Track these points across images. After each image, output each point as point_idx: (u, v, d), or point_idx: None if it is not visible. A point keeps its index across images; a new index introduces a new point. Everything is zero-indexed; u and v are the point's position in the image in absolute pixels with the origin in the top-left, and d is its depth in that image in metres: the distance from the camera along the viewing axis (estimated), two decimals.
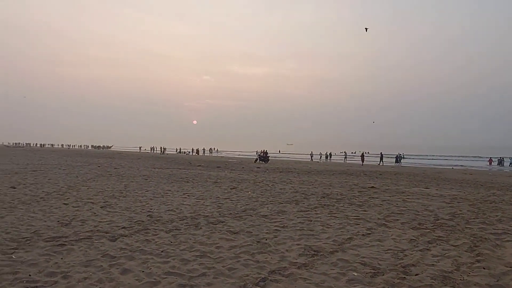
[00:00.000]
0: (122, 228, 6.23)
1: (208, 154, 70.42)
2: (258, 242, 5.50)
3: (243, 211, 7.96)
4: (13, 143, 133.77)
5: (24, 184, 12.00)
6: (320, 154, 52.67)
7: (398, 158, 40.70)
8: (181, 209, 8.07)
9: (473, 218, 7.55)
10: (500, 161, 43.03)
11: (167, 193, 10.74)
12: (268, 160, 36.16)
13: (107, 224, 6.51)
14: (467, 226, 6.81)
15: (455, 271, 4.37)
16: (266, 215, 7.56)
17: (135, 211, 7.75)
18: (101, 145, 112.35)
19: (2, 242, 5.18)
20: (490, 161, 43.73)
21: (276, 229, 6.33)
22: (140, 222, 6.72)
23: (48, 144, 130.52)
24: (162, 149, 72.12)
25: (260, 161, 35.35)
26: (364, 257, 4.83)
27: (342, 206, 8.85)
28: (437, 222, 7.15)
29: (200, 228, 6.36)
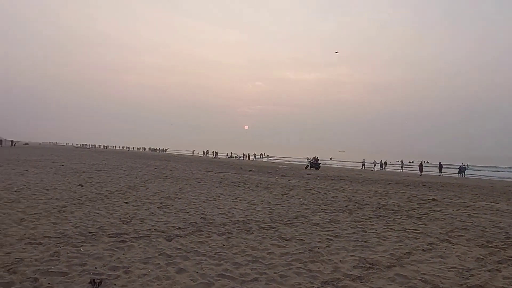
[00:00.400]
0: (177, 228, 6.46)
1: (259, 159, 70.97)
2: (310, 250, 5.39)
3: (295, 218, 7.87)
4: (80, 145, 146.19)
5: (90, 182, 12.99)
6: (374, 162, 50.54)
7: (462, 169, 37.85)
8: (233, 213, 8.19)
9: None
10: None
11: (219, 196, 10.97)
12: (319, 167, 35.53)
13: (164, 224, 6.80)
14: None
15: None
16: (318, 223, 7.40)
17: (189, 213, 8.00)
18: (157, 148, 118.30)
19: (72, 236, 5.63)
20: None
21: (328, 238, 6.16)
22: (194, 223, 6.93)
23: (111, 146, 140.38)
24: (214, 153, 74.10)
25: (311, 168, 34.85)
26: (424, 274, 4.51)
27: (399, 218, 8.39)
28: (508, 240, 6.49)
29: (252, 233, 6.39)
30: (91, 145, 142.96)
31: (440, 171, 37.99)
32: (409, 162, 63.42)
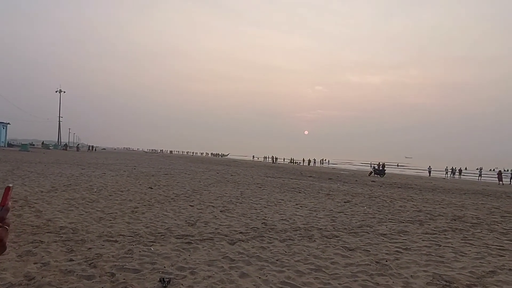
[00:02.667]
0: (240, 233, 6.53)
1: (319, 165, 69.72)
2: (377, 262, 5.08)
3: (359, 227, 7.52)
4: (150, 150, 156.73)
5: (159, 185, 13.77)
6: (446, 169, 46.71)
7: None
8: (294, 219, 8.08)
9: None
10: None
11: (280, 202, 10.92)
12: (385, 173, 33.80)
13: (226, 227, 6.93)
14: None
15: None
16: (384, 234, 6.98)
17: (251, 218, 8.06)
18: (219, 153, 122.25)
19: (143, 235, 5.98)
20: None
21: (397, 251, 5.76)
22: (255, 228, 6.95)
23: (176, 151, 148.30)
24: (274, 159, 74.40)
25: (375, 175, 33.27)
26: None
27: (479, 232, 7.58)
28: None
29: (314, 240, 6.23)
30: (160, 150, 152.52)
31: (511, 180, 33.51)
32: (490, 170, 57.61)
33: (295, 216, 8.57)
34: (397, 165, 72.77)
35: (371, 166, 38.25)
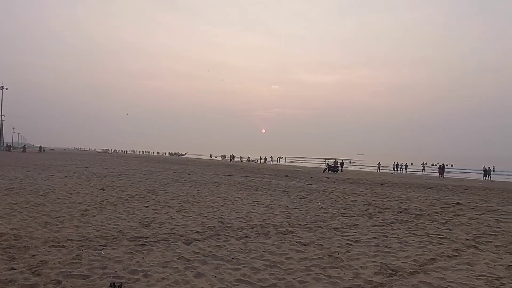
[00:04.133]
0: (196, 232, 6.47)
1: (276, 163, 70.81)
2: (329, 256, 5.28)
3: (313, 223, 7.76)
4: (103, 150, 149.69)
5: (112, 186, 13.23)
6: (394, 165, 49.49)
7: (487, 172, 36.59)
8: (250, 217, 8.15)
9: None
10: None
11: (237, 200, 10.96)
12: (338, 170, 35.10)
13: (182, 227, 6.83)
14: None
15: None
16: (337, 228, 7.26)
17: (207, 217, 8.01)
18: (176, 152, 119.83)
19: (94, 239, 5.72)
20: None
21: (348, 243, 6.03)
22: (212, 227, 6.92)
23: (131, 151, 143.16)
24: (232, 157, 74.39)
25: (329, 171, 34.46)
26: (451, 282, 4.34)
27: (422, 222, 8.14)
28: None
29: (270, 237, 6.33)
30: (113, 150, 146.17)
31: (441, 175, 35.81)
32: (432, 164, 61.86)
33: (251, 213, 8.64)
34: (349, 162, 75.85)
35: (325, 163, 39.50)
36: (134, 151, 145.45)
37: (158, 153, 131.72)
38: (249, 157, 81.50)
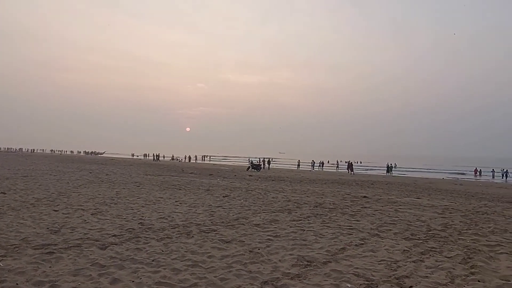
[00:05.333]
0: (113, 236, 6.13)
1: (201, 162, 70.15)
2: (250, 251, 5.45)
3: (236, 220, 7.90)
4: (5, 149, 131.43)
5: (14, 189, 11.79)
6: (312, 162, 52.61)
7: (390, 168, 40.97)
8: (173, 217, 7.98)
9: (466, 229, 7.59)
10: (479, 172, 44.19)
11: (159, 200, 10.63)
12: (261, 168, 36.11)
13: (98, 231, 6.40)
14: (460, 237, 6.83)
15: (449, 283, 4.35)
16: (258, 224, 7.50)
17: (126, 219, 7.64)
18: (94, 151, 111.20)
19: None
20: (475, 171, 44.67)
21: (268, 239, 6.28)
22: (131, 230, 6.62)
23: (40, 150, 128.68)
24: (155, 156, 71.64)
25: (253, 169, 35.27)
26: (357, 268, 4.80)
27: (335, 215, 8.84)
28: (429, 232, 7.17)
29: (192, 236, 6.29)
30: (17, 149, 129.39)
31: (351, 170, 39.79)
32: (345, 162, 67.08)
33: (174, 213, 8.47)
34: (271, 160, 78.42)
35: (249, 161, 40.29)
36: (43, 150, 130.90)
37: (72, 152, 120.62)
38: (173, 156, 79.30)
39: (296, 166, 50.72)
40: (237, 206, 9.86)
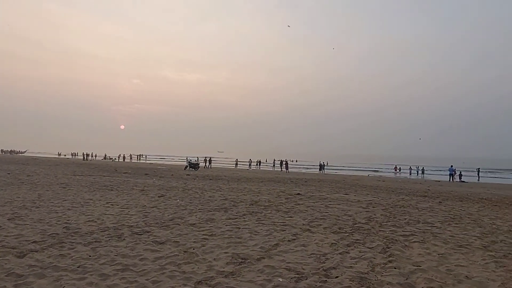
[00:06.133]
0: (33, 242, 5.63)
1: (136, 161, 67.17)
2: (185, 252, 5.39)
3: (171, 220, 7.75)
4: None
5: None
6: (250, 161, 53.38)
7: (322, 166, 43.17)
8: (103, 219, 7.57)
9: (386, 222, 8.32)
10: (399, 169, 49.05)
11: (87, 202, 9.99)
12: (199, 167, 35.69)
13: (15, 238, 5.84)
14: (380, 229, 7.48)
15: (370, 271, 4.74)
16: (194, 224, 7.45)
17: (50, 223, 7.06)
18: (13, 150, 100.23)
19: None
20: (396, 168, 49.29)
21: (204, 238, 6.27)
22: (54, 235, 6.14)
23: None
24: (85, 155, 66.87)
25: (190, 168, 34.72)
26: (289, 263, 5.01)
27: (269, 213, 9.10)
28: (355, 226, 7.73)
29: (124, 239, 6.03)
30: None
31: (286, 168, 41.50)
32: (279, 160, 69.05)
33: (104, 215, 8.04)
34: (210, 159, 78.01)
35: (187, 160, 39.54)
36: None
37: None
38: (105, 155, 74.73)
39: (234, 165, 51.01)
40: (173, 206, 9.67)
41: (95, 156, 71.98)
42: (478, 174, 39.46)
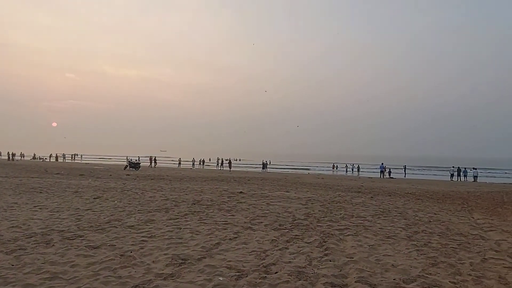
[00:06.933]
0: None
1: (71, 161, 62.65)
2: (121, 255, 5.17)
3: (107, 223, 7.37)
4: None
5: None
6: (193, 160, 52.64)
7: (265, 165, 44.01)
8: (29, 225, 6.96)
9: (323, 217, 8.74)
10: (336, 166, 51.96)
11: (12, 206, 9.12)
12: (139, 167, 34.33)
13: None
14: (318, 224, 7.84)
15: (308, 265, 4.96)
16: (132, 226, 7.16)
17: None
18: None
19: None
20: (333, 166, 52.11)
21: (143, 240, 6.06)
22: None
23: None
24: (10, 155, 60.67)
25: (131, 168, 33.26)
26: (230, 261, 5.05)
27: (211, 212, 9.07)
28: (294, 222, 8.01)
29: (52, 245, 5.61)
30: None
31: (218, 166, 42.30)
32: (225, 160, 69.16)
33: (31, 220, 7.40)
34: (154, 159, 75.49)
35: (127, 159, 37.76)
36: None
37: None
38: (34, 155, 68.54)
39: (177, 164, 49.93)
40: (110, 208, 9.20)
41: (23, 155, 65.80)
42: (405, 171, 43.02)
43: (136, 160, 36.79)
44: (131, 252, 5.35)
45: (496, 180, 35.58)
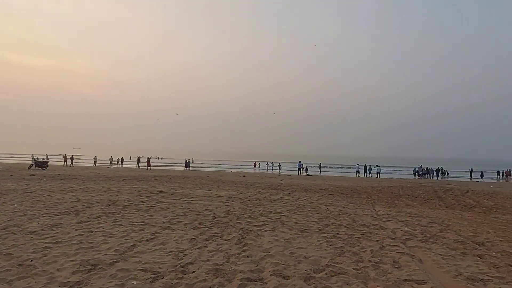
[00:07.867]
0: None
1: None
2: (20, 265, 4.64)
3: (3, 229, 6.54)
4: None
5: None
6: (111, 159, 49.36)
7: (187, 163, 43.36)
8: None
9: (243, 214, 8.94)
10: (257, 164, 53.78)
11: None
12: (47, 166, 31.03)
13: None
14: (237, 221, 7.99)
15: (225, 262, 5.03)
16: (35, 231, 6.47)
17: None
18: None
19: None
20: (255, 164, 53.73)
21: (46, 247, 5.52)
22: None
23: None
24: None
25: (36, 168, 29.89)
26: (145, 263, 4.88)
27: (128, 212, 8.64)
28: (214, 220, 8.05)
29: None
30: None
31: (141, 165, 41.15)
32: (147, 158, 66.28)
33: None
34: (70, 158, 68.91)
35: (32, 158, 33.78)
36: None
37: None
38: None
39: (93, 163, 46.35)
40: (8, 212, 8.18)
41: None
42: (320, 168, 46.25)
43: (43, 159, 33.17)
44: (31, 260, 4.84)
45: (395, 176, 40.16)
